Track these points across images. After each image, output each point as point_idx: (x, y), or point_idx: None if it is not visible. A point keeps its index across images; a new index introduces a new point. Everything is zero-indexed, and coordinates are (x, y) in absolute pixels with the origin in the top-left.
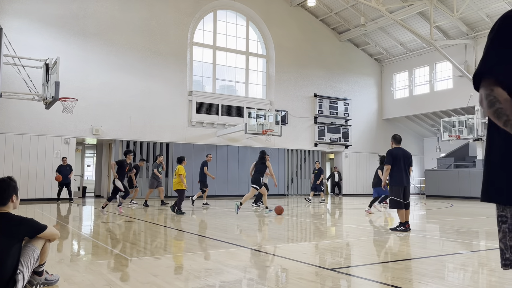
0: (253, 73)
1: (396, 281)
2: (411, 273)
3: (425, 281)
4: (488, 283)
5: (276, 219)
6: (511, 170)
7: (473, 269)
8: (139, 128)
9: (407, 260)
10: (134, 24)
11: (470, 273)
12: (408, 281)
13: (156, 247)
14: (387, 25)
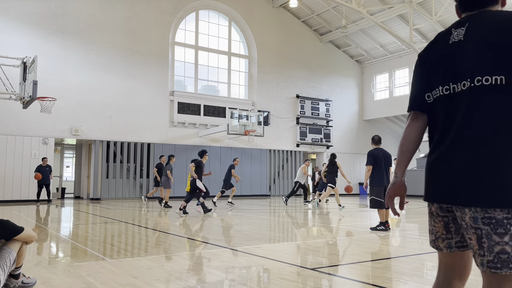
0: (235, 74)
1: (376, 280)
2: (390, 272)
3: (404, 280)
4: (468, 282)
5: (258, 220)
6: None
7: None
8: (119, 128)
9: (387, 259)
10: (115, 23)
11: None
12: (387, 280)
13: (137, 249)
14: (368, 27)
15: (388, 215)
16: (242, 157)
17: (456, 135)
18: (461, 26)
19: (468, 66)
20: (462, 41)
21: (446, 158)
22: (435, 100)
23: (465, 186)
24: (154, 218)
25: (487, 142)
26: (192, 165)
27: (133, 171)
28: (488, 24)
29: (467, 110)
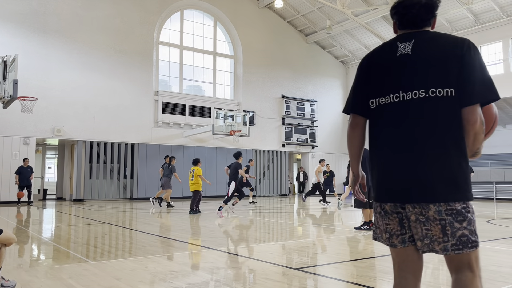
0: (220, 74)
1: (360, 279)
2: (374, 271)
3: (388, 279)
4: (448, 279)
5: (243, 221)
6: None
7: (433, 265)
8: (103, 128)
9: (371, 258)
10: (98, 22)
11: (430, 269)
12: (371, 279)
13: (120, 250)
14: (353, 28)
15: (372, 215)
16: (228, 157)
17: (410, 141)
18: (406, 41)
19: (421, 79)
20: (410, 54)
21: (404, 162)
22: (381, 106)
23: (430, 187)
24: (141, 219)
25: (440, 147)
26: (241, 170)
27: (117, 171)
28: (435, 43)
29: (418, 116)
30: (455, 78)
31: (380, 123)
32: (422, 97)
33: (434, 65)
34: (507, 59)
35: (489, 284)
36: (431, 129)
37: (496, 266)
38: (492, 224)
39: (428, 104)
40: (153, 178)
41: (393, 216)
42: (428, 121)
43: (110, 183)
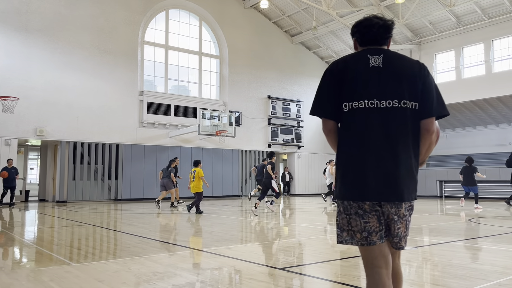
0: (206, 74)
1: (344, 278)
2: (358, 270)
3: None
4: (432, 277)
5: (229, 221)
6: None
7: (417, 264)
8: (87, 129)
9: (355, 257)
10: (82, 21)
11: (414, 268)
12: (355, 278)
13: (104, 252)
14: (338, 29)
15: None
16: (214, 157)
17: (386, 144)
18: (376, 55)
19: (395, 89)
20: (381, 67)
21: (378, 164)
22: (354, 110)
23: (404, 187)
24: (126, 221)
25: (406, 151)
26: (269, 166)
27: (101, 172)
28: (399, 61)
29: (393, 122)
30: (419, 94)
31: (352, 126)
32: (395, 106)
33: (404, 80)
34: (488, 61)
35: (470, 282)
36: (402, 135)
37: (478, 264)
38: (474, 223)
39: (400, 113)
40: (138, 179)
41: (372, 214)
42: (400, 128)
43: (94, 184)
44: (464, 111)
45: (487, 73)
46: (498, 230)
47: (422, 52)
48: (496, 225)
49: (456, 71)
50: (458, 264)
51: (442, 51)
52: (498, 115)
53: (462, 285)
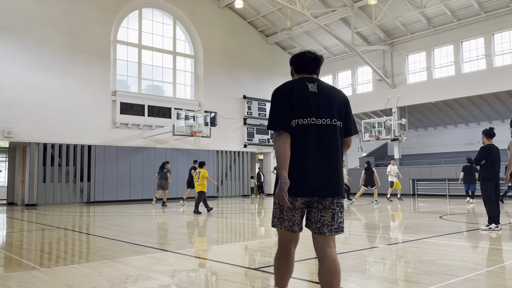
0: (181, 74)
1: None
2: None
3: (344, 276)
4: (404, 274)
5: (204, 222)
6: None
7: (390, 261)
8: (57, 130)
9: None
10: (52, 19)
11: (388, 265)
12: None
13: (74, 256)
14: (312, 29)
15: None
16: (189, 158)
17: (322, 153)
18: (311, 82)
19: (328, 110)
20: (317, 93)
21: (316, 168)
22: (299, 125)
23: (334, 186)
24: (98, 223)
25: (335, 158)
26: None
27: (73, 174)
28: (330, 90)
29: (326, 136)
30: (343, 117)
31: (297, 139)
32: (329, 124)
33: (334, 104)
34: (458, 62)
35: (440, 278)
36: (334, 147)
37: (447, 260)
38: (444, 220)
39: (332, 130)
40: (111, 180)
41: (298, 211)
42: (333, 141)
43: (66, 187)
44: (436, 111)
45: (456, 73)
46: (467, 226)
47: (395, 53)
48: (465, 221)
49: (428, 72)
50: (429, 260)
51: (414, 52)
52: (467, 114)
53: (432, 281)
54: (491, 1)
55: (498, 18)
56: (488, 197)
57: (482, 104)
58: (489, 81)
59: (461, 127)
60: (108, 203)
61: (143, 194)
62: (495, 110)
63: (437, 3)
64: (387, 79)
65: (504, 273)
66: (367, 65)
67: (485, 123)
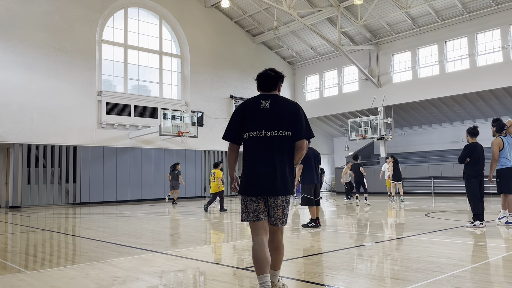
0: (167, 73)
1: (307, 276)
2: (320, 267)
3: (332, 274)
4: (391, 271)
5: (192, 222)
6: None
7: (377, 259)
8: (42, 130)
9: (317, 255)
10: (35, 19)
11: (375, 263)
12: (317, 275)
13: (60, 258)
14: (299, 29)
15: (319, 212)
16: (176, 158)
17: (270, 160)
18: (266, 99)
19: (276, 124)
20: (268, 109)
21: (267, 171)
22: (251, 137)
23: (281, 186)
24: (84, 225)
25: (282, 164)
26: (362, 169)
27: (58, 176)
28: (283, 105)
29: (273, 146)
30: (293, 125)
31: (250, 147)
32: (276, 135)
33: (283, 118)
34: (442, 61)
35: (426, 274)
36: (280, 154)
37: (434, 257)
38: (430, 217)
39: (280, 140)
40: (97, 181)
41: (260, 201)
42: (279, 149)
43: (51, 188)
44: (421, 109)
45: (441, 73)
46: (452, 223)
47: (380, 53)
48: (451, 219)
49: (413, 71)
50: (415, 257)
51: (399, 52)
52: (451, 113)
53: (419, 278)
54: (474, 2)
55: (481, 18)
56: (472, 195)
57: (466, 103)
58: (473, 81)
59: (445, 125)
60: (94, 204)
61: (130, 195)
62: (478, 109)
63: (422, 4)
64: (373, 78)
65: (489, 269)
66: (353, 64)
67: (469, 121)
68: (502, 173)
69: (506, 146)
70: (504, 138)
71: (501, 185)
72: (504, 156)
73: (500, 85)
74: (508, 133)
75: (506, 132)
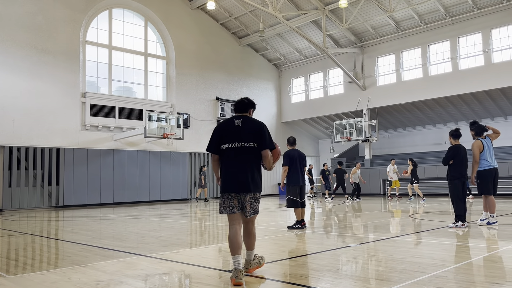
0: (152, 75)
1: (292, 278)
2: (305, 269)
3: (317, 276)
4: (376, 272)
5: (177, 225)
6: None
7: (362, 260)
8: (24, 132)
9: (302, 257)
10: (17, 19)
11: (359, 264)
12: (302, 277)
13: (42, 262)
14: (284, 31)
15: (304, 214)
16: (161, 161)
17: (240, 165)
18: (238, 119)
19: (245, 138)
20: (240, 126)
21: (236, 173)
22: (226, 148)
23: (248, 185)
24: (67, 228)
25: (251, 168)
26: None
27: (41, 178)
28: (250, 123)
29: (244, 154)
30: (258, 139)
31: (225, 156)
32: (246, 146)
33: (251, 132)
34: (425, 64)
35: (409, 275)
36: (248, 161)
37: (417, 257)
38: (413, 218)
39: (248, 150)
40: (81, 184)
41: (235, 199)
42: (247, 157)
43: (33, 191)
44: (404, 112)
45: (424, 76)
46: (435, 224)
47: (365, 56)
48: (434, 220)
49: (397, 74)
50: (399, 258)
51: (384, 55)
52: (435, 116)
53: (402, 279)
54: (456, 6)
55: (463, 22)
56: (455, 196)
57: (449, 106)
58: (455, 84)
59: (429, 128)
60: (77, 207)
61: (114, 198)
62: (460, 111)
63: (405, 7)
64: (357, 81)
65: (471, 269)
66: (338, 67)
67: (452, 124)
68: (482, 174)
69: (486, 149)
70: (483, 141)
71: (481, 186)
72: (484, 158)
73: (481, 88)
74: (488, 136)
75: (486, 135)
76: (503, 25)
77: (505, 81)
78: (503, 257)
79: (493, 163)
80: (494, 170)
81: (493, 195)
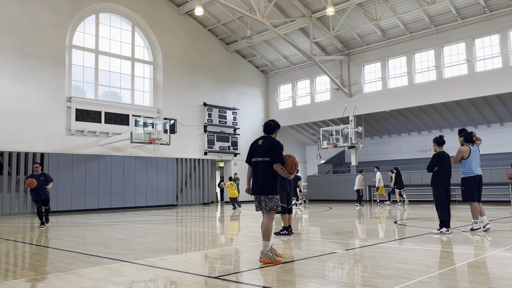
0: (139, 80)
1: (279, 284)
2: (292, 275)
3: (304, 282)
4: (362, 278)
5: (163, 231)
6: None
7: (348, 266)
8: (7, 137)
9: (289, 263)
10: (2, 22)
11: (346, 270)
12: (288, 283)
13: (23, 269)
14: (272, 38)
15: (291, 220)
16: (148, 166)
17: (260, 175)
18: (261, 139)
19: (262, 153)
20: (261, 145)
21: (255, 181)
22: (254, 162)
23: (261, 189)
24: (51, 234)
25: (266, 176)
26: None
27: (23, 183)
28: (268, 141)
29: (263, 166)
30: (270, 155)
31: (253, 167)
32: (263, 160)
33: (267, 149)
34: (411, 72)
35: (395, 281)
36: (265, 171)
37: (402, 263)
38: (399, 225)
39: (265, 163)
40: (66, 189)
41: (256, 200)
42: (265, 168)
43: (16, 197)
44: (390, 119)
45: (409, 84)
46: (420, 230)
47: (352, 63)
48: (419, 226)
49: (382, 82)
50: (384, 264)
51: (370, 62)
52: (420, 123)
53: (388, 284)
54: (440, 16)
55: (447, 31)
56: (440, 202)
57: (433, 113)
58: (439, 92)
59: (414, 135)
60: (62, 213)
61: (99, 204)
62: (444, 119)
63: (391, 16)
64: (344, 88)
65: (455, 275)
66: (325, 74)
67: (436, 131)
68: (466, 181)
69: (472, 155)
70: (472, 147)
71: (465, 193)
72: (468, 165)
73: (465, 96)
74: (476, 144)
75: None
76: (486, 35)
77: (487, 90)
78: (487, 263)
79: (477, 171)
80: (478, 177)
81: (477, 202)
